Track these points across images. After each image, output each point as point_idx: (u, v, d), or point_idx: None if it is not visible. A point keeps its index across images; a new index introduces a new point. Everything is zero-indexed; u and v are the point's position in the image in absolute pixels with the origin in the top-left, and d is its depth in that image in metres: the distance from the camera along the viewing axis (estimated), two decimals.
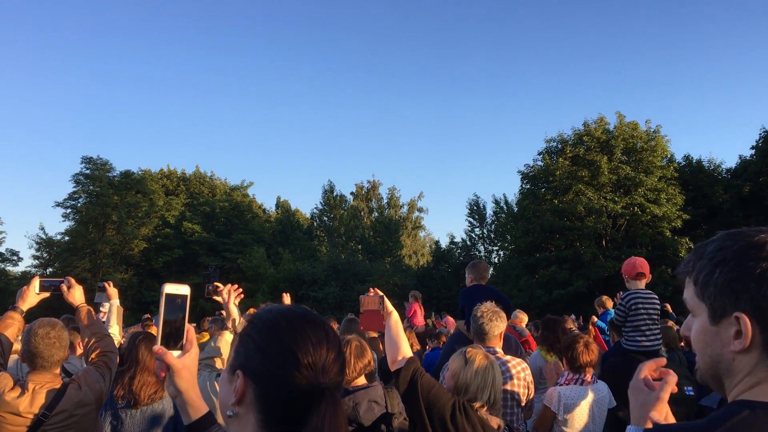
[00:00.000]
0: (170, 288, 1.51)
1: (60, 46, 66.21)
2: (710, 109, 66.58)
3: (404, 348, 3.15)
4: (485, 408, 2.87)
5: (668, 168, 33.30)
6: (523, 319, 9.00)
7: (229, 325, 3.81)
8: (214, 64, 74.13)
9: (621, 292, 5.85)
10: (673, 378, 1.51)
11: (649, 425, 1.46)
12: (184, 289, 1.53)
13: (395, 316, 3.29)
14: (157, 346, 1.47)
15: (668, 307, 9.19)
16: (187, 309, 1.52)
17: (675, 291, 28.02)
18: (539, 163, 36.22)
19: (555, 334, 5.86)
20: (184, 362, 1.49)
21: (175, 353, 1.49)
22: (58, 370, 3.31)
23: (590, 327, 9.29)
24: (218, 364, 4.42)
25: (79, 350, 5.24)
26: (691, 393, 5.03)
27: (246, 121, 77.08)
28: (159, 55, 71.37)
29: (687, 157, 37.31)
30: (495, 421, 2.82)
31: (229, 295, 3.78)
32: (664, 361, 1.60)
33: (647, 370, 1.56)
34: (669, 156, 34.76)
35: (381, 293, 3.38)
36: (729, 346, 1.18)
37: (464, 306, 5.67)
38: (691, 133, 64.99)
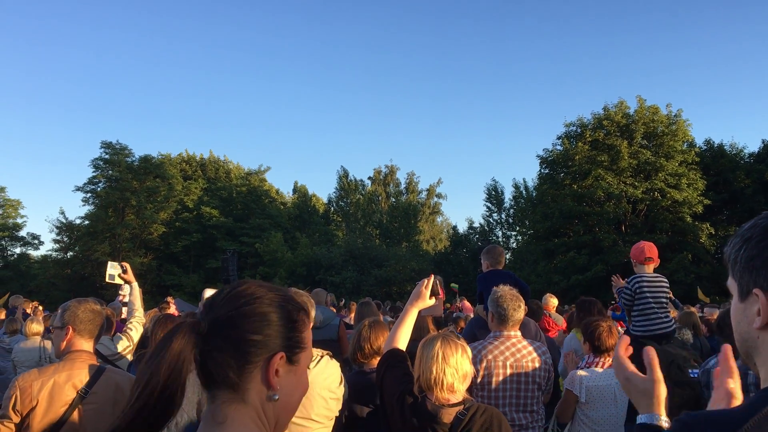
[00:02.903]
0: (210, 293, 1.51)
1: (79, 33, 66.68)
2: (733, 92, 65.73)
3: (398, 339, 3.04)
4: (435, 397, 2.75)
5: (689, 152, 32.85)
6: (553, 303, 8.89)
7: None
8: (230, 49, 74.23)
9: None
10: (653, 353, 1.49)
11: (660, 407, 1.45)
12: None
13: (415, 310, 3.11)
14: None
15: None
16: None
17: (697, 277, 27.79)
18: (558, 147, 35.89)
19: (591, 315, 5.72)
20: None
21: None
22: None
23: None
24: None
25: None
26: (696, 375, 4.95)
27: (262, 106, 77.26)
28: (176, 40, 71.63)
29: (708, 142, 36.69)
30: (448, 416, 2.72)
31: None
32: (627, 338, 1.59)
33: (622, 351, 1.56)
34: (690, 140, 34.29)
35: (436, 277, 3.26)
36: (753, 323, 1.16)
37: (482, 292, 5.62)
38: (713, 117, 64.34)
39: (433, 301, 3.04)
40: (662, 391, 1.48)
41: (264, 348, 1.21)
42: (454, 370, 2.75)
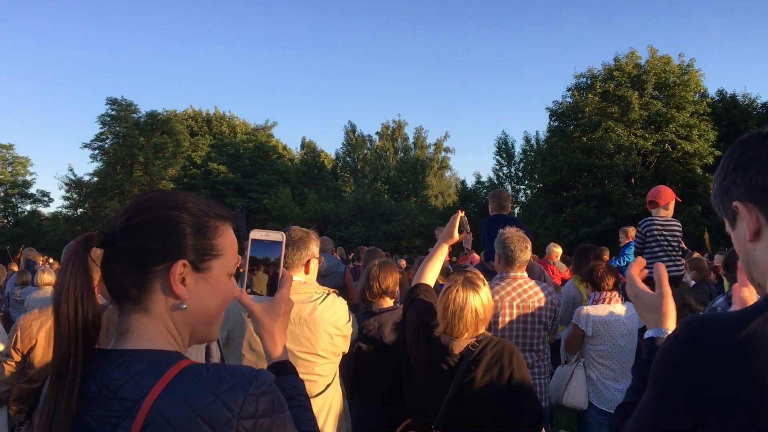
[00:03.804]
0: (257, 234, 1.48)
1: None
2: (746, 41, 64.35)
3: (427, 274, 3.22)
4: (446, 332, 2.80)
5: (701, 103, 32.34)
6: (557, 252, 8.91)
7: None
8: (232, 2, 73.15)
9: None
10: (662, 269, 1.51)
11: (667, 322, 1.47)
12: (275, 236, 1.49)
13: (445, 247, 3.30)
14: (241, 290, 1.42)
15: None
16: (282, 255, 1.48)
17: (708, 229, 27.67)
18: (568, 99, 35.45)
19: (587, 262, 5.72)
20: (266, 308, 1.47)
21: (260, 298, 1.47)
22: None
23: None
24: None
25: None
26: None
27: (267, 61, 76.52)
28: None
29: (721, 92, 35.96)
30: (459, 347, 2.76)
31: None
32: (643, 260, 1.61)
33: (635, 271, 1.58)
34: (702, 91, 33.73)
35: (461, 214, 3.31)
36: (746, 240, 1.18)
37: (484, 236, 5.60)
38: (726, 67, 63.10)
39: (462, 236, 3.24)
40: (670, 305, 1.49)
41: (162, 257, 1.17)
42: (472, 316, 2.75)
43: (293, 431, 1.16)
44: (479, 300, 2.76)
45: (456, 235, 3.22)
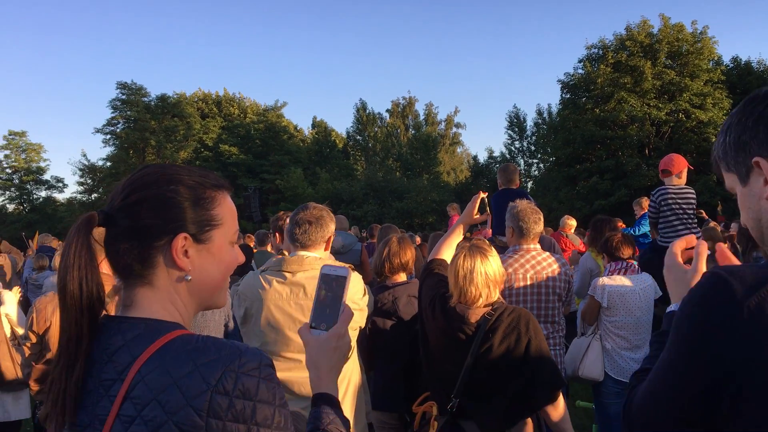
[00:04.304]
0: (327, 269, 1.48)
1: None
2: (760, 6, 62.99)
3: (443, 251, 3.24)
4: (460, 300, 2.82)
5: (715, 71, 31.83)
6: (571, 224, 8.90)
7: None
8: None
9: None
10: (703, 246, 1.44)
11: None
12: (342, 270, 1.47)
13: (461, 226, 3.34)
14: (305, 324, 1.47)
15: (703, 213, 8.90)
16: (345, 290, 1.45)
17: (723, 199, 27.46)
18: (580, 71, 35.00)
19: (602, 234, 5.70)
20: (319, 341, 1.43)
21: (318, 333, 1.45)
22: None
23: None
24: None
25: None
26: None
27: (274, 40, 76.14)
28: None
29: (735, 59, 35.38)
30: (475, 316, 2.77)
31: None
32: (694, 238, 1.53)
33: (678, 246, 1.50)
34: (716, 59, 33.15)
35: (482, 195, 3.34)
36: (763, 196, 1.13)
37: (493, 211, 5.58)
38: (740, 33, 61.94)
39: (482, 217, 3.29)
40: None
41: (163, 232, 1.19)
42: (482, 279, 2.77)
43: (289, 429, 1.11)
44: (488, 262, 2.79)
45: (474, 215, 3.25)
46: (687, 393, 1.07)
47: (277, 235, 4.31)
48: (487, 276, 2.77)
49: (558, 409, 2.84)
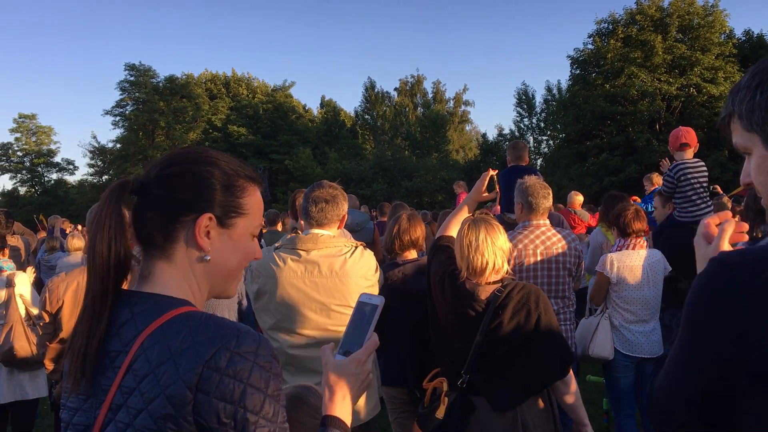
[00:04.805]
0: (365, 297, 1.49)
1: None
2: None
3: (451, 228, 3.26)
4: (469, 274, 2.84)
5: (726, 45, 31.41)
6: (578, 200, 8.88)
7: None
8: None
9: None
10: (729, 225, 1.37)
11: None
12: (376, 299, 1.47)
13: (468, 202, 3.40)
14: (329, 346, 1.45)
15: (718, 188, 8.82)
16: (376, 319, 1.44)
17: (735, 174, 27.23)
18: (590, 46, 34.64)
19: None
20: (339, 364, 1.40)
21: (340, 357, 1.43)
22: None
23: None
24: None
25: None
26: None
27: (281, 19, 75.68)
28: None
29: (747, 32, 34.81)
30: (485, 293, 2.78)
31: None
32: (729, 213, 1.47)
33: (711, 222, 1.43)
34: (728, 32, 32.70)
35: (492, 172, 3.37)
36: None
37: (502, 188, 5.58)
38: (752, 5, 60.83)
39: (491, 195, 3.38)
40: None
41: (190, 208, 1.21)
42: (488, 247, 2.78)
43: (277, 424, 1.09)
44: (493, 231, 2.82)
45: (485, 193, 3.29)
46: (698, 378, 1.06)
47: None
48: (493, 243, 2.79)
49: (568, 385, 2.86)
